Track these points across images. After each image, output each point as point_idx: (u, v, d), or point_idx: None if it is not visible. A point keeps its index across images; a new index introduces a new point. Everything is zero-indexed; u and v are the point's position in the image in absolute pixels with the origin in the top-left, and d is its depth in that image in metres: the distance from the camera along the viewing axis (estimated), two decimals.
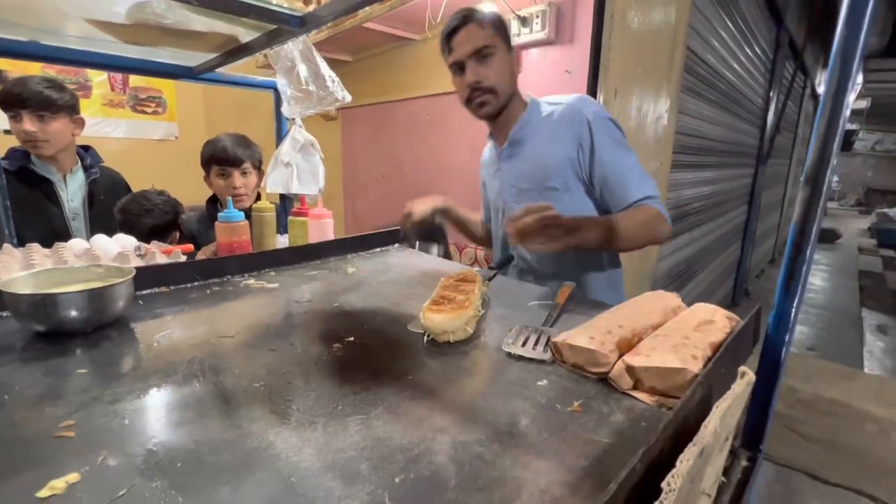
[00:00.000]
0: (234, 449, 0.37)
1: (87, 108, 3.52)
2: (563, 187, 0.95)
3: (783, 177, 5.36)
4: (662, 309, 0.57)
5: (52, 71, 3.27)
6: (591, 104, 0.95)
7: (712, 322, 0.52)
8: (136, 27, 0.86)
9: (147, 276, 0.75)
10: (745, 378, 0.36)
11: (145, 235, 1.22)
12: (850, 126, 11.37)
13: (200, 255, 1.29)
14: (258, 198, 1.48)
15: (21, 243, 1.05)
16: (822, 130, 0.36)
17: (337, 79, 1.06)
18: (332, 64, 2.41)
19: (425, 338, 0.59)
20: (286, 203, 1.57)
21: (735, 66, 2.66)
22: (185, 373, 0.49)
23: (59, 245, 1.02)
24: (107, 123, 3.64)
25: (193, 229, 1.54)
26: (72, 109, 1.34)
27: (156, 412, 0.42)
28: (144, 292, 0.75)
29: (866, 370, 2.64)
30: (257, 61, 2.30)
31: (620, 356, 0.48)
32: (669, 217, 0.91)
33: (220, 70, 1.25)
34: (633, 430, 0.40)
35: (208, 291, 0.77)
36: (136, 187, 1.47)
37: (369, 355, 0.56)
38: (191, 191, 1.48)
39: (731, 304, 3.80)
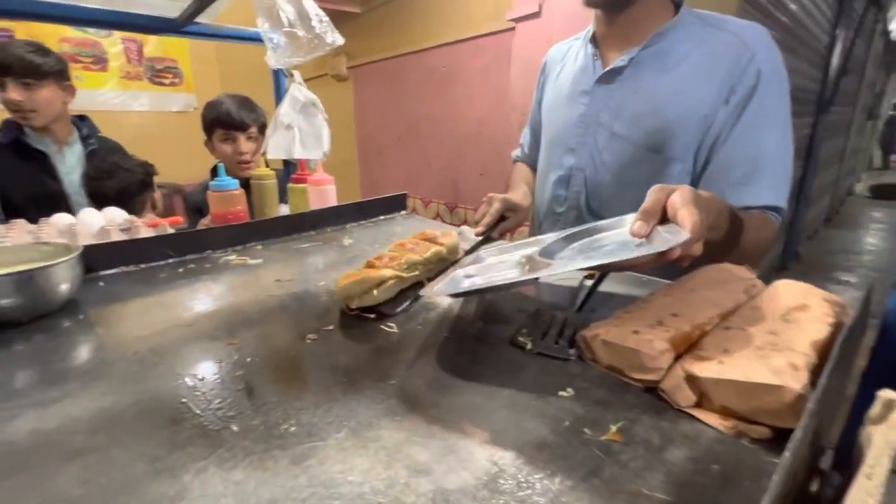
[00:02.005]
0: (129, 498, 0.27)
1: (106, 82, 3.51)
2: (677, 155, 0.65)
3: (845, 126, 4.80)
4: (731, 289, 0.43)
5: (68, 45, 3.25)
6: (771, 51, 0.62)
7: (806, 308, 0.37)
8: None
9: (112, 254, 0.66)
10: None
11: (112, 201, 1.12)
12: None
13: (199, 228, 1.22)
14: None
15: (20, 217, 0.99)
16: None
17: (326, 18, 0.90)
18: (340, 16, 2.22)
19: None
20: (289, 169, 1.46)
21: None
22: (116, 377, 0.40)
23: (43, 221, 0.96)
24: (126, 96, 3.62)
25: (199, 200, 1.47)
26: (60, 75, 1.24)
27: (50, 437, 0.32)
28: (111, 271, 0.66)
29: None
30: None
31: (676, 358, 0.35)
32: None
33: (205, 20, 1.12)
34: (701, 478, 0.27)
35: (181, 270, 0.68)
36: (155, 161, 1.38)
37: (346, 350, 0.44)
38: (211, 163, 1.40)
39: (779, 268, 3.50)
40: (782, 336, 0.33)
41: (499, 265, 0.50)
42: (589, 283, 0.56)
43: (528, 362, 0.41)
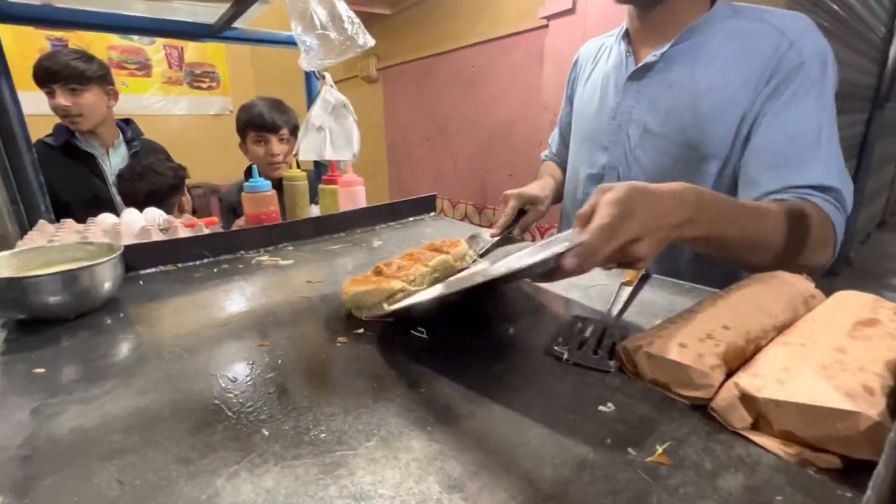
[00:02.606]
0: (162, 501, 0.27)
1: (149, 87, 3.67)
2: (712, 152, 0.61)
3: None
4: (788, 299, 0.40)
5: (114, 53, 3.42)
6: (813, 37, 0.58)
7: (876, 323, 0.34)
8: None
9: (151, 253, 0.68)
10: None
11: (142, 202, 1.17)
12: None
13: (234, 228, 1.25)
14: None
15: (69, 215, 1.04)
16: None
17: (357, 20, 0.91)
18: (370, 18, 2.24)
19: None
20: (320, 170, 1.48)
21: None
22: (153, 376, 0.40)
23: (90, 220, 1.00)
24: (168, 101, 3.78)
25: (234, 201, 1.51)
26: (103, 80, 1.31)
27: (90, 435, 0.33)
28: (149, 271, 0.68)
29: None
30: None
31: (729, 375, 0.32)
32: (841, 231, 0.55)
33: (241, 25, 1.15)
34: None
35: (215, 270, 0.69)
36: (193, 162, 1.44)
37: (376, 355, 0.44)
38: (246, 165, 1.45)
39: (829, 273, 3.30)
40: (851, 354, 0.30)
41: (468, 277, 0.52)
42: (628, 289, 0.53)
43: (564, 373, 0.39)
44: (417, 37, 2.19)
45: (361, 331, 0.48)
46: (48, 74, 1.21)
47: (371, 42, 0.93)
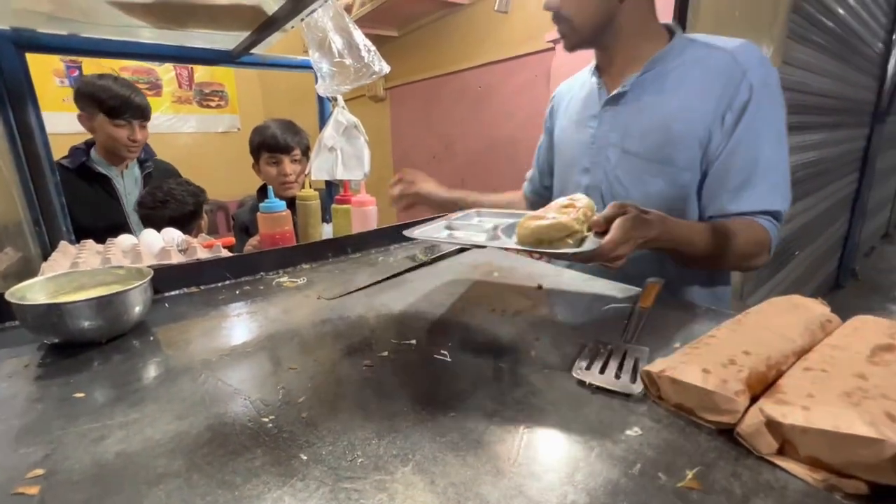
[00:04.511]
0: None
1: (159, 106, 3.75)
2: (686, 165, 0.69)
3: None
4: (805, 323, 0.41)
5: (126, 73, 3.51)
6: (761, 62, 0.67)
7: (894, 348, 0.35)
8: (158, 6, 0.80)
9: (176, 276, 0.70)
10: None
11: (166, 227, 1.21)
12: None
13: (247, 248, 1.27)
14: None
15: (86, 237, 1.07)
16: None
17: (373, 48, 0.94)
18: (378, 40, 2.30)
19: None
20: (332, 190, 1.51)
21: (852, 2, 2.19)
22: (188, 400, 0.42)
23: (110, 241, 1.03)
24: (177, 119, 3.85)
25: (246, 220, 1.53)
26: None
27: (134, 460, 0.34)
28: (173, 293, 0.70)
29: None
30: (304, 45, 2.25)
31: (753, 400, 0.34)
32: (776, 240, 0.68)
33: (259, 52, 1.19)
34: None
35: (238, 291, 0.71)
36: (201, 180, 1.48)
37: (404, 378, 0.45)
38: (256, 181, 1.49)
39: (834, 286, 3.29)
40: (872, 380, 0.31)
41: (475, 226, 0.66)
42: (642, 309, 0.54)
43: (589, 397, 0.40)
44: (424, 58, 2.24)
45: (385, 353, 0.50)
46: (135, 110, 1.32)
47: (386, 69, 0.96)
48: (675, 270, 0.70)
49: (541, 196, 0.99)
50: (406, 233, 0.60)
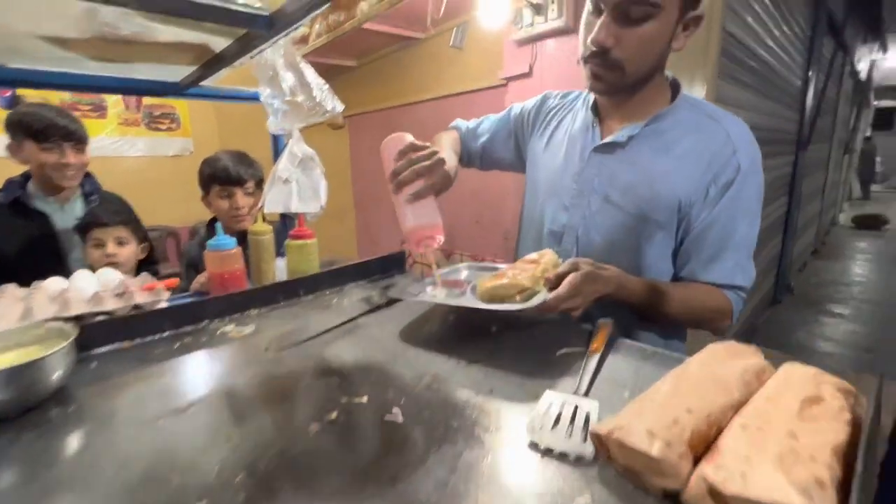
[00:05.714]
0: None
1: (103, 129, 3.55)
2: (662, 225, 0.71)
3: (824, 162, 4.99)
4: (741, 374, 0.42)
5: (67, 95, 3.31)
6: (751, 143, 0.70)
7: (820, 401, 0.37)
8: (96, 41, 0.76)
9: (106, 331, 0.65)
10: None
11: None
12: (890, 103, 10.67)
13: (195, 286, 1.20)
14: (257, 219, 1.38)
15: (16, 279, 0.97)
16: None
17: (326, 86, 0.94)
18: (337, 70, 2.30)
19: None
20: (287, 223, 1.46)
21: (772, 45, 2.43)
22: (110, 486, 0.38)
23: (35, 284, 0.94)
24: (123, 142, 3.67)
25: (195, 255, 1.45)
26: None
27: None
28: (103, 350, 0.64)
29: None
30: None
31: (696, 461, 0.34)
32: (739, 309, 0.72)
33: (207, 83, 1.15)
34: None
35: (177, 345, 0.66)
36: (150, 205, 1.41)
37: (350, 446, 0.43)
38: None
39: (772, 302, 3.53)
40: (802, 440, 0.32)
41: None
42: (596, 356, 0.55)
43: (542, 461, 0.39)
44: (382, 88, 2.26)
45: (334, 415, 0.47)
46: (62, 132, 1.22)
47: (340, 107, 0.96)
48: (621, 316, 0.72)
49: (469, 153, 1.00)
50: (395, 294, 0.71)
